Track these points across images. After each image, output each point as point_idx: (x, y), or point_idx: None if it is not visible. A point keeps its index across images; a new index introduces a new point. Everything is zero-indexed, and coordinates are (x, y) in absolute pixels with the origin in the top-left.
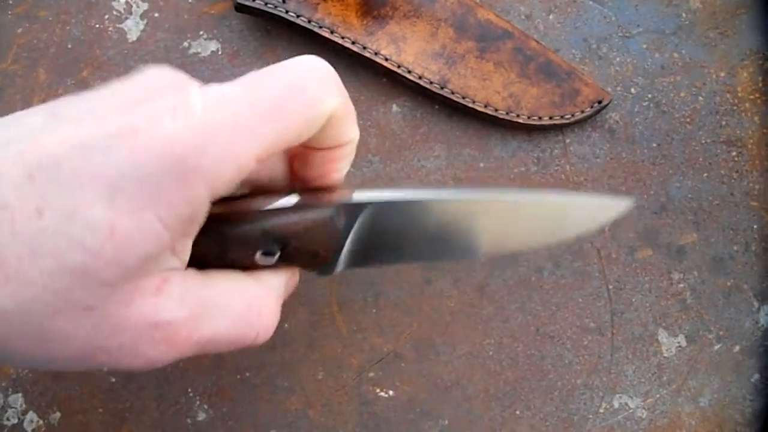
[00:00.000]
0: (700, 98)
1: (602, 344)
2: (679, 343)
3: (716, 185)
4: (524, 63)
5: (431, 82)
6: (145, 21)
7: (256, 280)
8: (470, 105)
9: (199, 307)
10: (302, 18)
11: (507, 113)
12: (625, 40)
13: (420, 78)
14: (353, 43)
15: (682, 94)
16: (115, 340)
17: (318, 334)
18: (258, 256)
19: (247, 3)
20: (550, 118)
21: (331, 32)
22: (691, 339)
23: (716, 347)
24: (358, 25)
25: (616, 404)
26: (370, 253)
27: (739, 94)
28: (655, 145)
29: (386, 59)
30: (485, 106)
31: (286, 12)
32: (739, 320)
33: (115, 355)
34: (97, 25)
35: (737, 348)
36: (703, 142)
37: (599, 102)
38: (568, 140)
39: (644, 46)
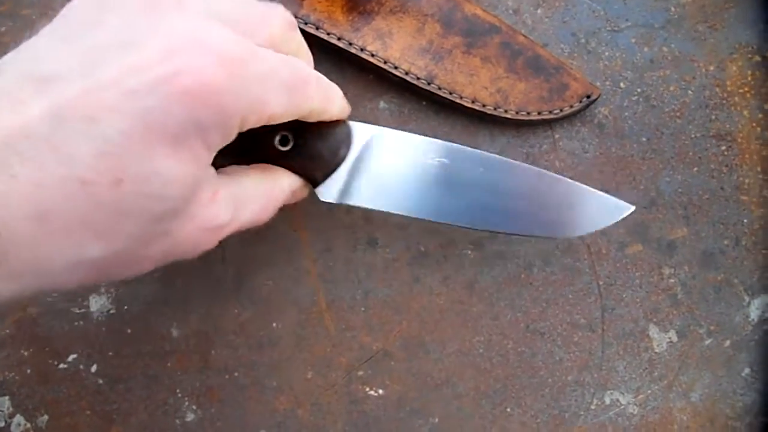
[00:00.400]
0: (690, 92)
1: (593, 340)
2: (670, 338)
3: (706, 179)
4: (512, 58)
5: (418, 78)
6: None
7: (272, 180)
8: (457, 101)
9: (236, 206)
10: None
11: (495, 109)
12: (613, 34)
13: (407, 73)
14: (339, 38)
15: (671, 88)
16: (181, 248)
17: (306, 333)
18: (276, 140)
19: None
20: (539, 113)
21: (317, 28)
22: (682, 334)
23: (707, 342)
24: (343, 21)
25: (607, 400)
26: (364, 184)
27: (729, 88)
28: (644, 139)
29: (372, 55)
30: (473, 102)
31: None
32: (729, 315)
33: (178, 255)
34: None
35: (728, 342)
36: (693, 136)
37: (588, 96)
38: (557, 135)
39: (633, 40)
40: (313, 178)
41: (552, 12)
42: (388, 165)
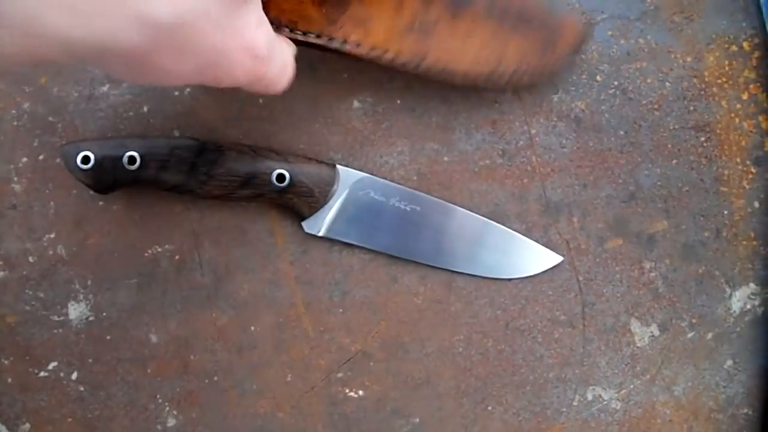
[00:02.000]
0: (667, 84)
1: (574, 336)
2: (651, 332)
3: (685, 172)
4: (501, 14)
5: (407, 62)
6: None
7: (289, 45)
8: (449, 78)
9: (271, 47)
10: None
11: (489, 77)
12: (589, 27)
13: (395, 58)
14: (318, 36)
15: (648, 81)
16: (226, 58)
17: (285, 336)
18: (274, 177)
19: None
20: (533, 73)
21: (291, 30)
22: (664, 328)
23: (689, 335)
24: (317, 17)
25: (589, 396)
26: (345, 222)
27: (707, 79)
28: (622, 132)
29: (357, 45)
30: (464, 76)
31: None
32: (711, 307)
33: (219, 71)
34: None
35: (710, 335)
36: (672, 128)
37: (579, 43)
38: (533, 131)
39: (609, 32)
40: (301, 212)
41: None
42: (369, 207)
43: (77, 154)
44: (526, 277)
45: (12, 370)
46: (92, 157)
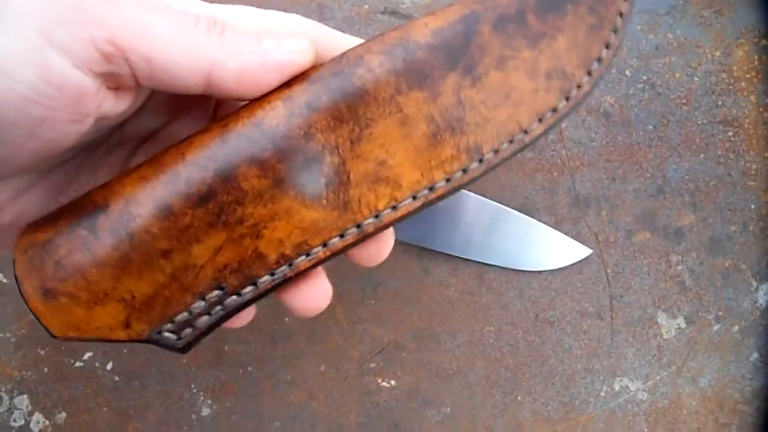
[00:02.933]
0: (696, 79)
1: (602, 328)
2: (678, 324)
3: (713, 166)
4: (518, 25)
5: (464, 170)
6: None
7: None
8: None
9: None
10: None
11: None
12: None
13: (449, 180)
14: (341, 236)
15: (677, 75)
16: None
17: (318, 327)
18: None
19: None
20: (599, 60)
21: (308, 255)
22: (691, 320)
23: (715, 328)
24: (321, 215)
25: (616, 387)
26: None
27: (735, 74)
28: (651, 127)
29: (393, 207)
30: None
31: None
32: (737, 300)
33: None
34: None
35: (736, 328)
36: (700, 122)
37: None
38: (563, 125)
39: (638, 27)
40: None
41: None
42: None
43: None
44: (556, 270)
45: (48, 360)
46: None
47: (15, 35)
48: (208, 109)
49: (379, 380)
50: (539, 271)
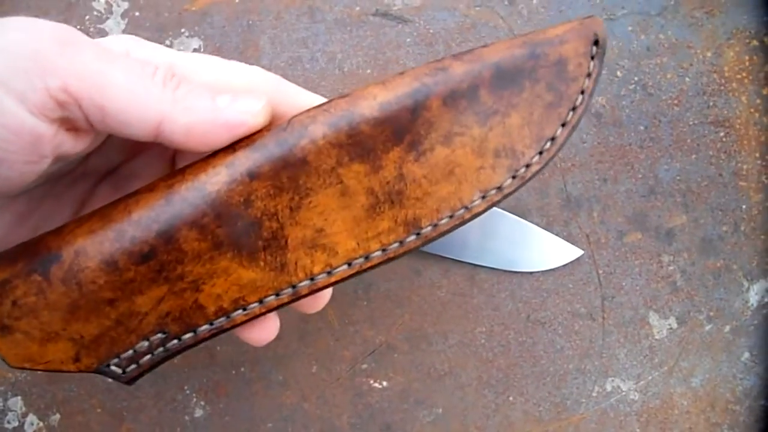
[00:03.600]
0: (687, 79)
1: (593, 329)
2: (670, 325)
3: (704, 166)
4: (470, 101)
5: (402, 241)
6: (126, 20)
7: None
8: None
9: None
10: None
11: (504, 183)
12: (610, 22)
13: (384, 249)
14: (277, 295)
15: (668, 76)
16: None
17: (310, 328)
18: None
19: None
20: (552, 139)
21: (244, 309)
22: (682, 321)
23: (707, 328)
24: (258, 275)
25: (608, 387)
26: None
27: (726, 74)
28: (642, 127)
29: (328, 272)
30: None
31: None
32: (729, 300)
33: None
34: (78, 27)
35: (727, 328)
36: (691, 123)
37: (595, 43)
38: None
39: (629, 28)
40: None
41: (548, 1)
42: None
43: None
44: (547, 271)
45: None
46: None
47: None
48: (169, 149)
49: (371, 381)
50: (531, 272)
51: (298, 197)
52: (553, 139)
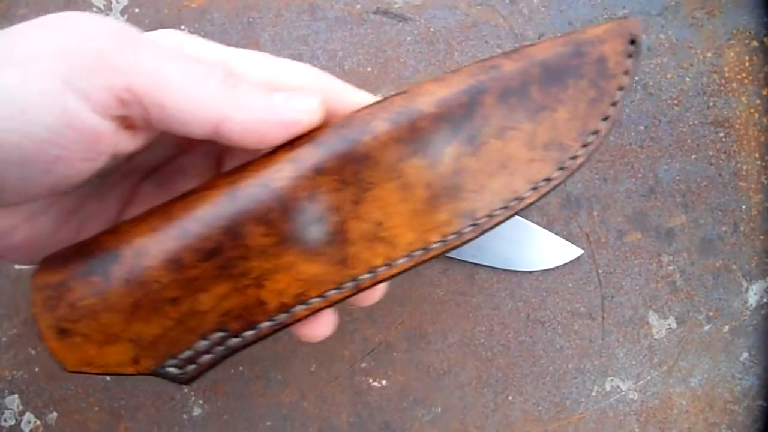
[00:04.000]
0: (687, 79)
1: (593, 328)
2: (669, 325)
3: (704, 166)
4: (521, 98)
5: (460, 233)
6: (126, 17)
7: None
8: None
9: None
10: None
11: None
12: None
13: (444, 240)
14: (338, 288)
15: (669, 76)
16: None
17: None
18: None
19: None
20: (596, 133)
21: (305, 303)
22: (681, 320)
23: (706, 328)
24: (319, 270)
25: (608, 387)
26: None
27: (726, 75)
28: (642, 127)
29: (388, 265)
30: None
31: None
32: (728, 300)
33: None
34: None
35: (726, 328)
36: (691, 123)
37: (632, 42)
38: None
39: None
40: None
41: (549, 1)
42: None
43: None
44: (547, 270)
45: (39, 359)
46: None
47: (35, 80)
48: (216, 146)
49: (370, 380)
50: (530, 272)
51: (360, 191)
52: (596, 132)
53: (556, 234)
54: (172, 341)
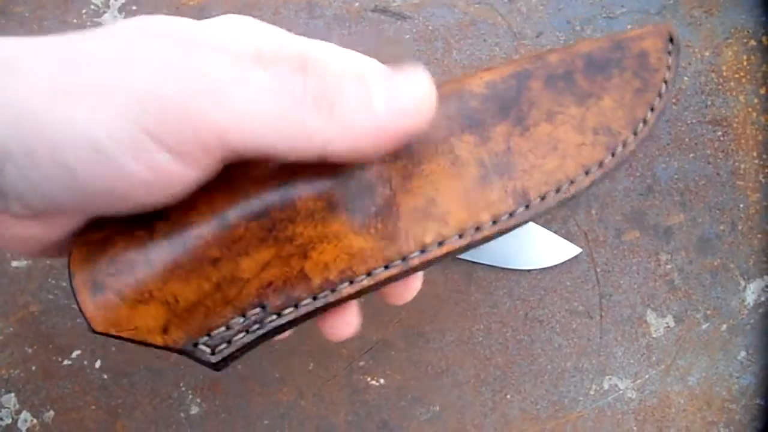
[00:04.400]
0: (686, 78)
1: (591, 327)
2: (667, 323)
3: (702, 165)
4: (567, 84)
5: (512, 213)
6: (123, 14)
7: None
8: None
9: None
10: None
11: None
12: (609, 20)
13: (496, 220)
14: (386, 267)
15: None
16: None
17: (307, 325)
18: None
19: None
20: (644, 121)
21: (351, 283)
22: (679, 319)
23: (704, 326)
24: (368, 245)
25: (606, 386)
26: None
27: (724, 74)
28: None
29: (440, 243)
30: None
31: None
32: (726, 299)
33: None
34: (75, 21)
35: (724, 327)
36: (689, 122)
37: (671, 40)
38: None
39: (629, 26)
40: None
41: (547, 0)
42: None
43: None
44: (545, 268)
45: (36, 358)
46: None
47: (119, 128)
48: None
49: (368, 378)
50: (529, 270)
51: (411, 165)
52: (644, 121)
53: (555, 232)
54: (207, 311)
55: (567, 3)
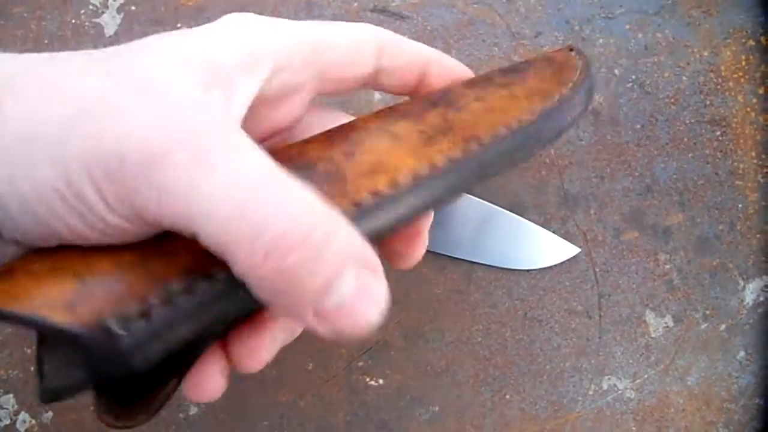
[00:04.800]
0: (684, 78)
1: (590, 327)
2: (666, 323)
3: (701, 165)
4: (487, 82)
5: (460, 153)
6: (122, 15)
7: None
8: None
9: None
10: None
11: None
12: (607, 21)
13: (450, 159)
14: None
15: (665, 75)
16: None
17: None
18: None
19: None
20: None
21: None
22: (678, 319)
23: (703, 326)
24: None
25: (605, 386)
26: None
27: (723, 74)
28: (639, 126)
29: (395, 185)
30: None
31: None
32: (725, 299)
33: None
34: (73, 21)
35: (723, 327)
36: (688, 122)
37: (570, 50)
38: None
39: (627, 26)
40: None
41: (546, 0)
42: None
43: None
44: (544, 268)
45: (35, 358)
46: None
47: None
48: None
49: (367, 379)
50: (528, 270)
51: (351, 148)
52: (572, 83)
53: (553, 232)
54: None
55: (566, 3)
